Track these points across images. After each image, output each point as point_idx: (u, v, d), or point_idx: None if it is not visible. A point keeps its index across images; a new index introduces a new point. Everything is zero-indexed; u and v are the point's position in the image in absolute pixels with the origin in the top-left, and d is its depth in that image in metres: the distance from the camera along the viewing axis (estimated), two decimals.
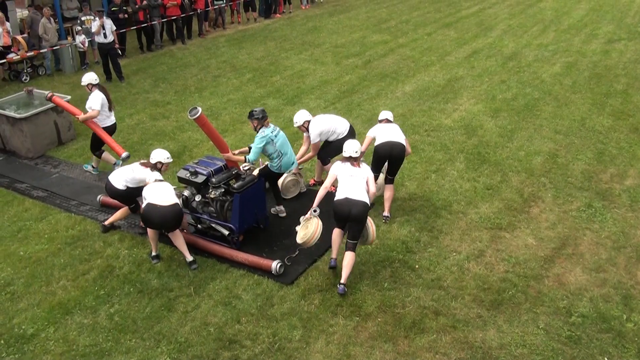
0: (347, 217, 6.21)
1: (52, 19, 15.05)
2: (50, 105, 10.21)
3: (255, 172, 7.41)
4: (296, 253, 6.87)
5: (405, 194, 8.16)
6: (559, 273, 6.48)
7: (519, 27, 18.89)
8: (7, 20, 14.99)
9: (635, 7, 22.06)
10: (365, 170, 6.43)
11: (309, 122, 8.04)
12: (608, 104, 11.58)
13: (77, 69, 15.21)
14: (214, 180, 7.00)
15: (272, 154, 7.42)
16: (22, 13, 19.15)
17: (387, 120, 7.78)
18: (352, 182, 6.26)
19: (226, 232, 7.01)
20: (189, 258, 6.74)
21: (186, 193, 7.24)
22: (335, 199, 6.27)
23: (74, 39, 15.63)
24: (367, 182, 6.31)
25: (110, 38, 13.66)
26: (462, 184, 8.40)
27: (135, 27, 16.29)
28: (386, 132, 7.54)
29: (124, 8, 15.76)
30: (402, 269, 6.56)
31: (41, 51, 14.68)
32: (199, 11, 18.40)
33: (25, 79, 14.25)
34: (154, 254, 6.93)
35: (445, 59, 15.11)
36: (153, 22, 16.83)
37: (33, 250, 7.31)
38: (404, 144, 7.51)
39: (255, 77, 14.09)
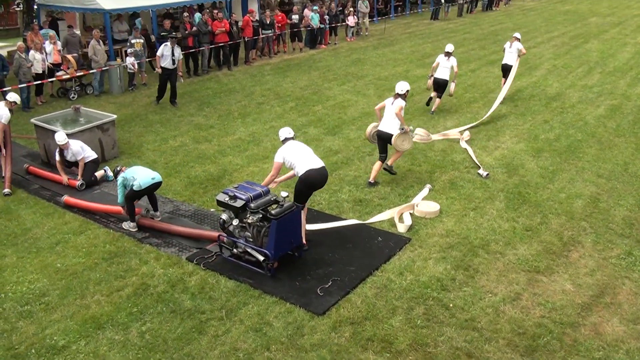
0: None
1: (101, 41, 15.53)
2: (97, 122, 10.49)
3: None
4: (329, 284, 6.80)
5: (442, 230, 8.03)
6: (596, 322, 6.23)
7: (563, 67, 18.65)
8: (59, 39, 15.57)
9: None
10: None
11: None
12: None
13: (125, 90, 15.61)
14: (252, 205, 7.01)
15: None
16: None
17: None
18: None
19: (261, 258, 7.00)
20: None
21: (224, 217, 7.27)
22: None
23: (123, 60, 16.08)
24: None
25: (176, 65, 13.89)
26: (501, 224, 8.23)
27: (183, 52, 16.68)
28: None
29: (173, 33, 16.17)
30: (436, 307, 6.41)
31: (90, 71, 15.12)
32: (246, 39, 18.74)
33: (73, 97, 14.69)
34: None
35: (488, 96, 14.97)
36: (201, 48, 17.20)
37: (70, 263, 7.42)
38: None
39: (298, 105, 14.20)
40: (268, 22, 19.63)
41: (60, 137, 9.52)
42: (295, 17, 21.11)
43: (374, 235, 7.90)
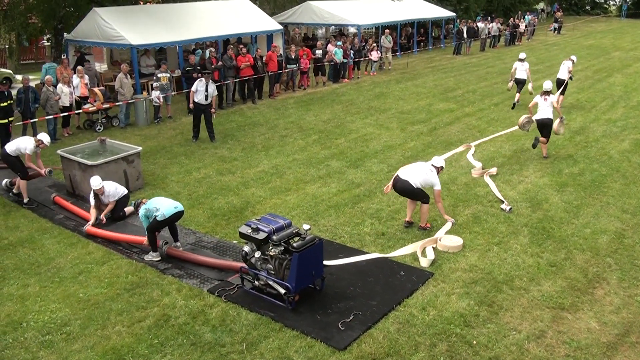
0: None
1: (129, 75, 15.87)
2: (122, 154, 10.66)
3: None
4: (350, 318, 6.72)
5: (465, 265, 7.93)
6: None
7: (587, 101, 18.52)
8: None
9: None
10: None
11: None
12: None
13: (150, 122, 15.87)
14: (274, 237, 7.01)
15: None
16: (100, 67, 20.37)
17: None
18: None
19: (282, 291, 6.96)
20: None
21: (246, 249, 7.27)
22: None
23: (149, 94, 16.40)
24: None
25: (209, 100, 13.85)
26: (525, 259, 8.10)
27: None
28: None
29: (198, 68, 16.47)
30: (459, 344, 6.29)
31: (116, 104, 15.44)
32: (270, 73, 19.01)
33: (99, 129, 14.98)
34: None
35: (512, 131, 14.90)
36: (226, 82, 17.48)
37: (92, 293, 7.46)
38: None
39: (321, 138, 14.29)
40: (293, 57, 19.91)
41: (95, 182, 9.39)
42: (319, 52, 21.38)
43: (396, 269, 7.83)
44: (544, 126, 12.29)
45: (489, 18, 37.72)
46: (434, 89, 20.65)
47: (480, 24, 33.66)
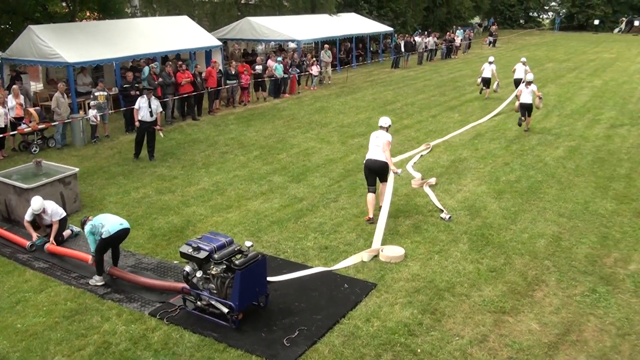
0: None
1: (65, 94, 15.47)
2: (59, 176, 10.34)
3: None
4: (295, 334, 6.69)
5: (408, 275, 8.04)
6: None
7: None
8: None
9: (638, 94, 22.53)
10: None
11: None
12: (611, 187, 11.58)
13: (87, 142, 15.48)
14: (216, 256, 6.92)
15: None
16: (36, 86, 19.79)
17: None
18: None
19: (225, 310, 6.87)
20: None
21: (187, 269, 7.16)
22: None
23: (86, 113, 16.01)
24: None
25: (154, 117, 13.62)
26: (466, 266, 8.29)
27: None
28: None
29: (136, 85, 16.20)
30: (404, 353, 6.35)
31: (52, 124, 14.99)
32: (209, 89, 18.89)
33: (35, 150, 14.49)
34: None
35: (450, 141, 15.30)
36: (165, 99, 17.26)
37: (30, 323, 7.16)
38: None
39: (262, 154, 14.26)
40: (232, 73, 19.86)
41: (37, 204, 9.08)
42: (259, 68, 21.41)
43: (340, 282, 7.86)
44: (526, 107, 15.81)
45: (426, 32, 38.77)
46: (373, 102, 20.99)
47: (417, 38, 34.58)
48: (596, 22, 72.56)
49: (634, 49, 44.40)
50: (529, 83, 15.95)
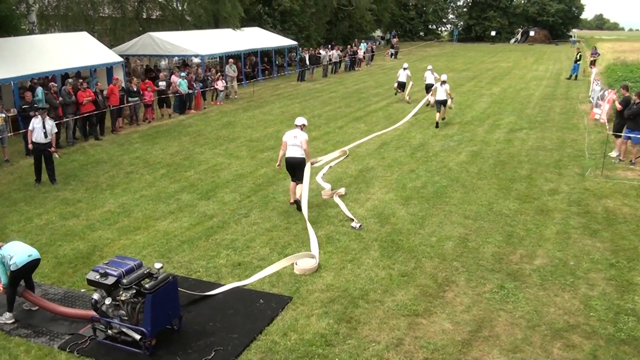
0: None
1: None
2: None
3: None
4: (212, 355, 6.56)
5: (322, 286, 8.10)
6: (477, 357, 6.50)
7: (424, 119, 19.97)
8: None
9: (535, 100, 24.02)
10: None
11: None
12: (513, 188, 12.22)
13: None
14: (124, 281, 6.67)
15: None
16: None
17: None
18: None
19: (138, 337, 6.63)
20: None
21: (96, 296, 6.84)
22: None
23: None
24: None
25: (49, 138, 12.97)
26: (378, 272, 8.46)
27: None
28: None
29: (35, 105, 15.42)
30: None
31: None
32: (111, 107, 18.29)
33: None
34: None
35: (357, 151, 15.62)
36: (66, 119, 16.54)
37: None
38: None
39: (169, 172, 13.95)
40: (135, 90, 19.33)
41: None
42: (162, 84, 20.97)
43: (255, 298, 7.79)
44: (441, 102, 18.65)
45: (329, 46, 39.50)
46: (281, 116, 21.09)
47: (321, 52, 35.13)
48: (493, 33, 77.11)
49: (530, 57, 47.34)
50: (443, 82, 18.70)
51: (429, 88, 21.61)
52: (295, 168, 10.97)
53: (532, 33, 76.20)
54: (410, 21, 78.28)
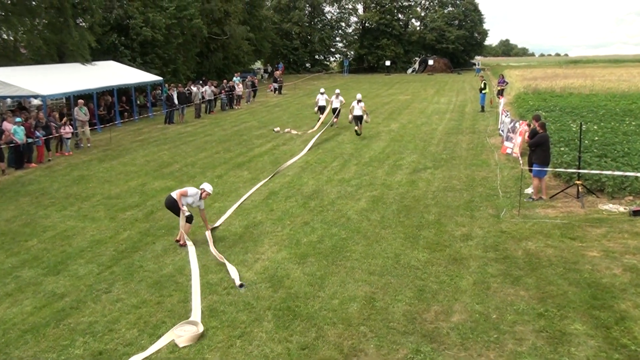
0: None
1: None
2: None
3: None
4: None
5: None
6: None
7: (317, 163, 20.36)
8: None
9: (438, 135, 25.23)
10: None
11: None
12: (421, 236, 12.62)
13: None
14: None
15: None
16: None
17: None
18: None
19: None
20: None
21: None
22: None
23: None
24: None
25: None
26: (274, 347, 8.34)
27: None
28: None
29: None
30: None
31: None
32: None
33: None
34: None
35: (241, 204, 15.55)
36: None
37: None
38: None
39: (4, 243, 13.15)
40: None
41: None
42: None
43: None
44: (358, 119, 25.12)
45: (202, 81, 39.63)
46: (146, 166, 20.72)
47: (193, 88, 35.15)
48: (388, 62, 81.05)
49: (430, 88, 49.95)
50: (359, 101, 25.20)
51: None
52: (171, 210, 12.81)
53: (431, 62, 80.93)
54: (294, 51, 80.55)
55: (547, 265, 10.92)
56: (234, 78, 42.80)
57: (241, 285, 10.15)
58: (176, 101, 32.25)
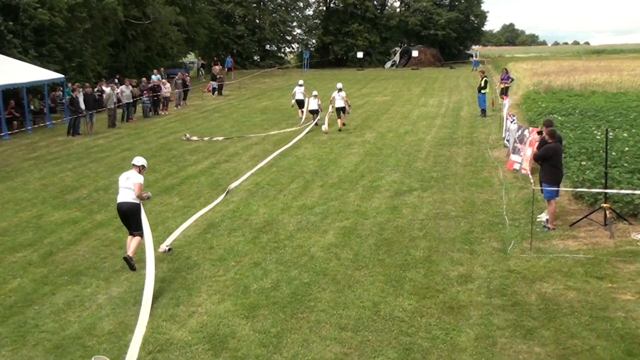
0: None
1: None
2: None
3: None
4: None
5: None
6: None
7: (270, 184, 20.32)
8: None
9: (427, 147, 25.37)
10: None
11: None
12: (407, 278, 12.61)
13: None
14: None
15: None
16: None
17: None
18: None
19: None
20: None
21: None
22: None
23: None
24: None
25: None
26: None
27: None
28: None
29: None
30: None
31: None
32: None
33: None
34: None
35: (168, 230, 15.43)
36: None
37: None
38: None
39: None
40: None
41: None
42: None
43: None
44: (340, 109, 31.18)
45: (116, 80, 39.37)
46: (44, 192, 20.49)
47: (105, 89, 34.87)
48: (360, 54, 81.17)
49: (415, 87, 50.32)
50: (340, 90, 31.29)
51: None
52: (125, 216, 13.79)
53: (415, 53, 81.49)
54: (239, 40, 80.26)
55: (568, 314, 10.97)
56: (153, 76, 42.35)
57: (169, 250, 10.87)
58: (83, 106, 31.92)
